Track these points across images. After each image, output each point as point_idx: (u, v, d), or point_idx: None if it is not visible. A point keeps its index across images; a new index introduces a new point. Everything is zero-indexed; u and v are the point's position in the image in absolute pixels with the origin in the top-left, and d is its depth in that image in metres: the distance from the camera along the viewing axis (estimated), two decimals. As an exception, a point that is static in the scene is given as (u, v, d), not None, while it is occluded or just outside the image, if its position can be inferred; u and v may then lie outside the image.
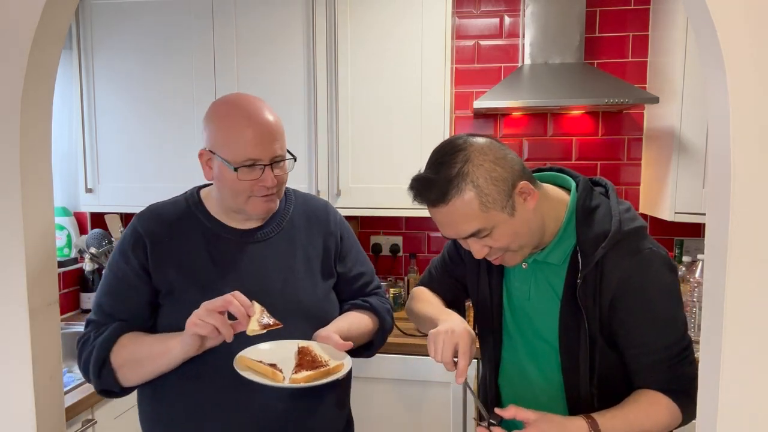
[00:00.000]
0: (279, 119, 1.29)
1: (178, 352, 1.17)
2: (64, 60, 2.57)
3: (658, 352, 1.14)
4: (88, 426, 1.86)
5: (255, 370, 1.16)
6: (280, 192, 1.31)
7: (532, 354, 1.25)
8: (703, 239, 2.48)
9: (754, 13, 0.78)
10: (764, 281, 0.80)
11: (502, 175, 1.09)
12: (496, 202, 1.09)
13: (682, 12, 2.14)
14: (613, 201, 1.19)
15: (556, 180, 1.27)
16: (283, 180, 1.28)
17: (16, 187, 0.99)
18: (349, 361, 1.21)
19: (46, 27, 0.98)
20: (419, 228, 2.81)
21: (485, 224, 1.10)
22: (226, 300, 1.12)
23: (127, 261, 1.27)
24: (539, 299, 1.22)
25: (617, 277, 1.13)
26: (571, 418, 1.09)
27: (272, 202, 1.29)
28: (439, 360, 1.15)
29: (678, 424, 1.16)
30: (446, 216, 1.12)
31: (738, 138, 0.79)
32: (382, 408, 2.29)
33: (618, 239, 1.13)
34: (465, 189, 1.08)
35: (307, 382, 1.14)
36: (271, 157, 1.23)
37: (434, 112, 2.37)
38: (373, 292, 1.46)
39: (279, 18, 2.43)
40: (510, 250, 1.14)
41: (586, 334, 1.15)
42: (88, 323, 1.28)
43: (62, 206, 2.75)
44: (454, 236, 1.16)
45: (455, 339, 1.14)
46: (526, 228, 1.13)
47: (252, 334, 1.12)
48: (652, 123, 2.53)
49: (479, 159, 1.09)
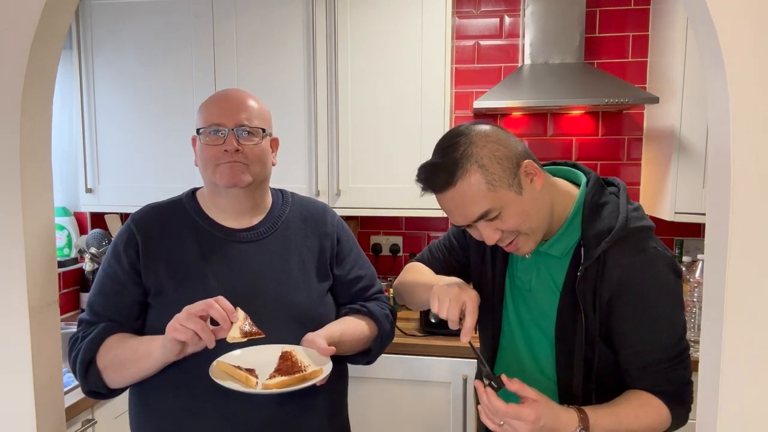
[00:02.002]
0: (262, 104, 1.32)
1: (158, 356, 1.15)
2: (64, 60, 2.57)
3: (653, 354, 1.13)
4: (88, 426, 1.86)
5: (231, 375, 1.13)
6: (253, 168, 1.27)
7: (529, 344, 1.24)
8: (703, 239, 2.48)
9: (754, 13, 0.78)
10: (764, 281, 0.80)
11: (505, 154, 1.11)
12: (502, 180, 1.10)
13: (682, 12, 2.14)
14: (623, 200, 1.19)
15: (568, 175, 1.27)
16: (253, 153, 1.26)
17: (16, 187, 0.99)
18: (329, 367, 1.16)
19: (46, 27, 0.98)
20: (419, 228, 2.82)
21: (493, 204, 1.10)
22: (208, 304, 1.09)
23: (119, 260, 1.27)
24: (539, 290, 1.22)
25: (618, 274, 1.13)
26: (564, 408, 1.09)
27: (239, 172, 1.24)
28: (444, 316, 1.13)
29: (666, 428, 1.15)
30: (454, 200, 1.12)
31: (738, 138, 0.79)
32: (382, 408, 2.29)
33: (623, 235, 1.13)
34: (471, 169, 1.09)
35: (280, 388, 1.09)
36: (236, 123, 1.24)
37: (434, 112, 2.37)
38: (374, 296, 1.43)
39: (279, 18, 2.43)
40: (521, 233, 1.13)
41: (583, 327, 1.15)
42: (79, 323, 1.28)
43: (62, 206, 2.75)
44: (463, 222, 1.15)
45: (463, 297, 1.13)
46: (535, 208, 1.13)
47: (232, 341, 1.08)
48: (652, 123, 2.53)
49: (482, 141, 1.11)
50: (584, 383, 1.17)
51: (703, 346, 0.89)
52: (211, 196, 1.32)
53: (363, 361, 1.41)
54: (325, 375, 1.14)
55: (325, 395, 1.28)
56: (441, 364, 2.22)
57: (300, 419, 1.25)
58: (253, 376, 1.12)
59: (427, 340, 2.26)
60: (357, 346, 1.34)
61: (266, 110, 1.33)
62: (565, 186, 1.23)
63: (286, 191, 1.43)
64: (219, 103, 1.27)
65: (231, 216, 1.31)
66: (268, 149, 1.31)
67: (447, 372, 2.22)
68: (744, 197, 0.79)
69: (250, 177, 1.26)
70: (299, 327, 1.24)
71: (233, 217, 1.31)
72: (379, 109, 2.41)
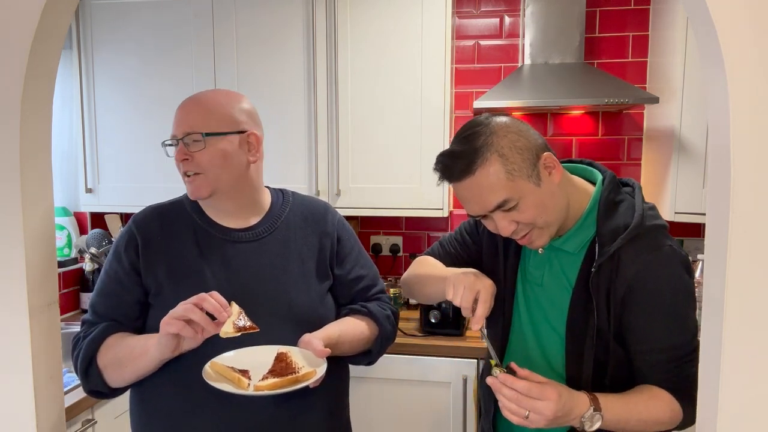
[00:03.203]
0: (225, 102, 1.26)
1: (154, 353, 1.15)
2: (64, 60, 2.57)
3: (666, 352, 1.13)
4: (88, 426, 1.86)
5: (224, 376, 1.13)
6: (211, 175, 1.23)
7: (539, 340, 1.24)
8: (703, 239, 2.48)
9: (753, 13, 0.78)
10: (764, 281, 0.80)
11: (525, 145, 1.11)
12: (521, 170, 1.10)
13: (682, 12, 2.14)
14: (638, 199, 1.19)
15: (584, 173, 1.27)
16: (203, 159, 1.22)
17: (16, 187, 0.99)
18: (323, 369, 1.14)
19: (46, 27, 0.98)
20: (419, 228, 2.81)
21: (511, 194, 1.10)
22: (201, 297, 1.09)
23: (120, 261, 1.27)
24: (551, 286, 1.22)
25: (634, 271, 1.12)
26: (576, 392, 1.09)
27: (197, 184, 1.24)
28: (458, 303, 1.12)
29: (677, 424, 1.15)
30: (472, 189, 1.11)
31: (738, 138, 0.79)
32: (382, 408, 2.29)
33: (638, 233, 1.13)
34: (490, 158, 1.09)
35: (272, 390, 1.08)
36: (183, 132, 1.24)
37: (434, 112, 2.37)
38: (375, 296, 1.42)
39: (279, 18, 2.43)
40: (537, 226, 1.13)
41: (595, 324, 1.14)
42: (82, 323, 1.28)
43: (62, 206, 2.75)
44: (480, 212, 1.14)
45: (477, 286, 1.12)
46: (552, 201, 1.13)
47: (225, 336, 1.07)
48: (652, 123, 2.53)
49: (503, 131, 1.11)
50: (594, 380, 1.17)
51: (703, 346, 0.89)
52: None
53: (364, 361, 1.40)
54: (317, 377, 1.13)
55: (326, 396, 1.27)
56: (441, 364, 2.22)
57: (300, 420, 1.25)
58: (247, 378, 1.11)
59: (427, 340, 2.26)
60: (357, 346, 1.33)
61: (226, 108, 1.26)
62: (582, 183, 1.23)
63: (286, 191, 1.42)
64: (176, 114, 1.27)
65: (230, 216, 1.31)
66: (226, 150, 1.24)
67: (447, 372, 2.21)
68: (744, 197, 0.79)
69: (209, 187, 1.24)
70: (298, 327, 1.23)
71: (232, 217, 1.31)
72: (379, 109, 2.41)
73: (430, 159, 2.35)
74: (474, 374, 2.19)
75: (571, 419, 1.07)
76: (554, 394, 1.04)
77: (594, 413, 1.07)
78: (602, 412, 1.07)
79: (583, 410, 1.07)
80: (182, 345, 1.13)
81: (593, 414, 1.07)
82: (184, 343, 1.13)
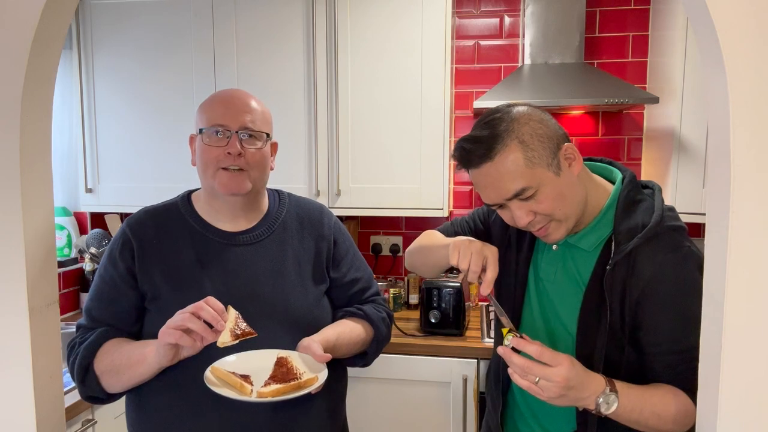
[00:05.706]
0: (264, 107, 1.30)
1: (152, 360, 1.14)
2: (64, 60, 2.57)
3: (681, 353, 1.11)
4: (88, 426, 1.86)
5: (225, 381, 1.12)
6: (254, 174, 1.25)
7: (550, 337, 1.22)
8: (703, 239, 2.47)
9: (753, 13, 0.78)
10: (764, 281, 0.80)
11: (546, 133, 1.10)
12: (542, 159, 1.09)
13: (682, 12, 2.14)
14: (658, 200, 1.17)
15: (604, 171, 1.26)
16: (254, 159, 1.24)
17: (16, 187, 0.99)
18: (324, 375, 1.14)
19: (46, 27, 0.98)
20: (419, 228, 2.81)
21: (530, 182, 1.08)
22: (198, 306, 1.08)
23: (115, 265, 1.26)
24: (564, 283, 1.21)
25: (651, 271, 1.11)
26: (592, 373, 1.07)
27: (240, 180, 1.23)
28: (466, 267, 1.11)
29: (691, 424, 1.12)
30: (491, 175, 1.10)
31: (738, 138, 0.79)
32: (381, 408, 2.29)
33: (657, 232, 1.11)
34: (511, 144, 1.08)
35: (275, 397, 1.08)
36: (240, 126, 1.22)
37: (434, 112, 2.37)
38: (370, 299, 1.42)
39: (279, 18, 2.43)
40: (555, 218, 1.12)
41: (607, 323, 1.12)
42: (77, 328, 1.27)
43: (62, 206, 2.75)
44: (497, 199, 1.13)
45: (485, 252, 1.11)
46: (571, 193, 1.12)
47: (222, 346, 1.07)
48: (652, 123, 2.53)
49: (524, 118, 1.11)
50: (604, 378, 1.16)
51: (703, 346, 0.89)
52: (208, 198, 1.31)
53: (359, 363, 1.40)
54: (319, 383, 1.13)
55: (324, 398, 1.27)
56: (441, 364, 2.22)
57: (298, 422, 1.25)
58: (248, 383, 1.11)
59: (427, 340, 2.26)
60: (353, 349, 1.33)
61: (269, 113, 1.31)
62: (601, 181, 1.22)
63: (282, 192, 1.42)
64: (224, 103, 1.24)
65: (227, 219, 1.30)
66: (269, 154, 1.30)
67: (447, 372, 2.21)
68: (744, 197, 0.79)
69: (250, 184, 1.25)
70: (295, 330, 1.23)
71: (229, 220, 1.30)
72: (379, 109, 2.41)
73: (431, 159, 2.38)
74: (474, 374, 2.19)
75: (585, 397, 1.03)
76: (567, 360, 1.01)
77: (610, 394, 1.04)
78: (618, 395, 1.04)
79: (598, 390, 1.03)
80: (181, 353, 1.13)
81: (609, 394, 1.04)
82: (183, 350, 1.12)
